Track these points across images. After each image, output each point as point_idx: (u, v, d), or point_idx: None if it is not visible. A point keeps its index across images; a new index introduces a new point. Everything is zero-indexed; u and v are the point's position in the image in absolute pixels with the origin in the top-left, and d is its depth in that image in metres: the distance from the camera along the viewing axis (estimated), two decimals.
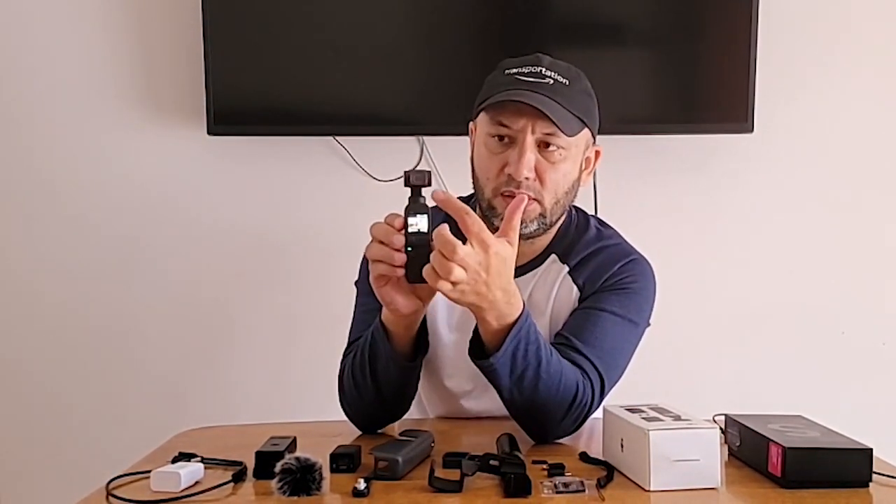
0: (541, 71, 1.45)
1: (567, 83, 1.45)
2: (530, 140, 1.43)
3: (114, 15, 2.33)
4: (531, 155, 1.43)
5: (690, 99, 2.33)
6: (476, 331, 1.35)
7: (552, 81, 1.44)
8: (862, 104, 2.38)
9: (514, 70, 1.46)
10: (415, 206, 1.25)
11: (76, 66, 2.35)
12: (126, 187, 2.37)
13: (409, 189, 1.26)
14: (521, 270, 1.50)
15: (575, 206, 1.59)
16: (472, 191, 1.56)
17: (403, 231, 1.25)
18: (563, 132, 1.42)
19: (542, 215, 1.47)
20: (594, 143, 1.55)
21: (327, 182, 2.36)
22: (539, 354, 1.34)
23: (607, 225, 1.62)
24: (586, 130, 1.49)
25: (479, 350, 1.35)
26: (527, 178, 1.43)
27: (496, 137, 1.46)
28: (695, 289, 2.38)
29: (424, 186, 1.25)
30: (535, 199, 1.45)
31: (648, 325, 1.57)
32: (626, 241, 1.60)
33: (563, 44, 2.29)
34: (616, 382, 1.49)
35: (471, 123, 1.56)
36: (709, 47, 2.30)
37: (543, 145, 1.44)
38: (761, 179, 2.39)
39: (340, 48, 2.25)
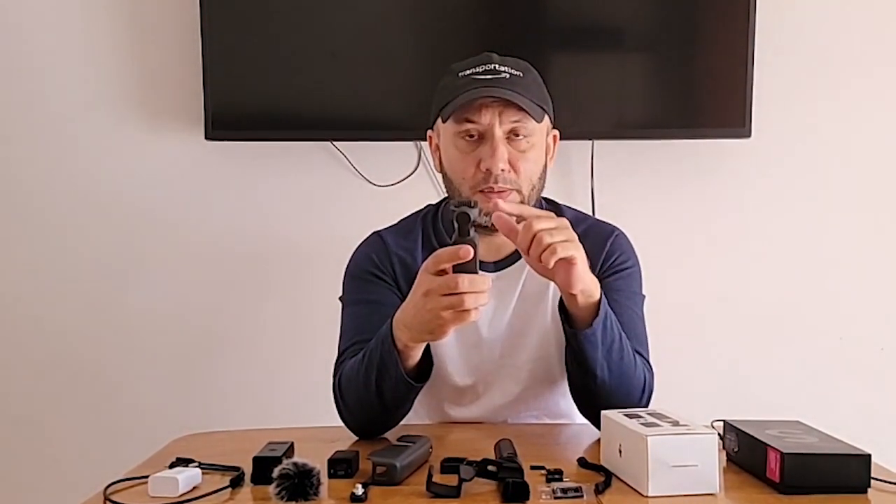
0: (494, 67, 1.50)
1: (521, 75, 1.51)
2: (500, 132, 1.48)
3: (112, 20, 2.33)
4: (504, 147, 1.48)
5: (688, 104, 2.34)
6: (563, 317, 1.43)
7: (508, 75, 1.50)
8: (859, 108, 2.38)
9: (469, 70, 1.51)
10: (464, 239, 1.26)
11: (74, 71, 2.35)
12: (124, 192, 2.37)
13: (454, 219, 1.27)
14: (506, 262, 1.57)
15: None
16: (445, 196, 1.62)
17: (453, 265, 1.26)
18: (533, 118, 1.48)
19: (522, 203, 1.51)
20: (552, 128, 1.60)
21: (325, 187, 2.36)
22: (619, 328, 1.44)
23: (571, 206, 1.68)
24: (546, 116, 1.55)
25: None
26: (503, 171, 1.48)
27: (465, 137, 1.50)
28: (692, 294, 2.39)
29: (471, 221, 1.27)
30: (513, 190, 1.50)
31: None
32: (596, 217, 1.72)
33: (562, 49, 2.30)
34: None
35: (429, 132, 1.61)
36: (706, 52, 2.31)
37: (511, 137, 1.50)
38: (759, 184, 2.39)
39: (338, 53, 2.26)
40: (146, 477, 1.20)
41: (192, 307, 2.40)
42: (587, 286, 1.37)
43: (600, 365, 1.42)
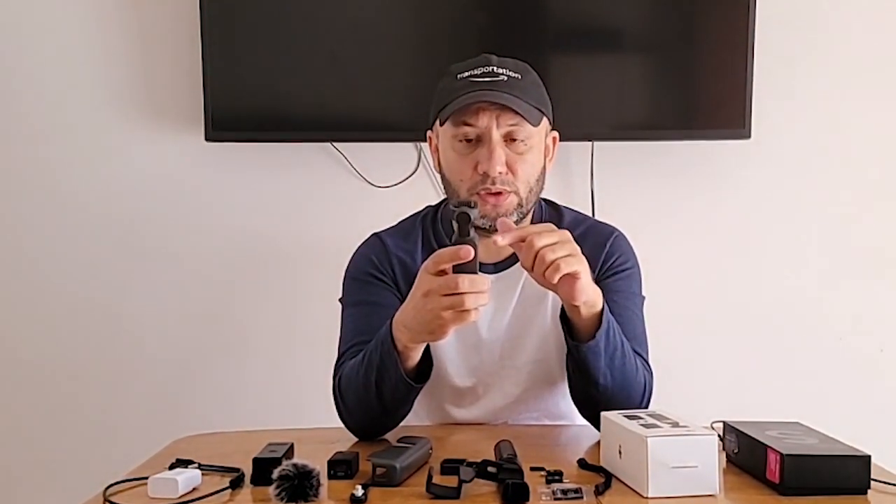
0: (492, 70, 1.50)
1: (519, 77, 1.51)
2: (497, 136, 1.48)
3: (112, 21, 2.34)
4: (501, 150, 1.48)
5: (687, 105, 2.34)
6: (565, 329, 1.43)
7: (506, 78, 1.49)
8: (859, 109, 2.38)
9: (467, 73, 1.51)
10: (464, 240, 1.26)
11: (74, 71, 2.35)
12: (124, 193, 2.37)
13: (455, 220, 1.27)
14: (506, 263, 1.57)
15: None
16: (444, 197, 1.62)
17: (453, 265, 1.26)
18: (529, 123, 1.48)
19: (520, 205, 1.52)
20: (551, 129, 1.60)
21: (325, 188, 2.36)
22: (621, 334, 1.44)
23: (570, 207, 1.68)
24: (545, 118, 1.55)
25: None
26: (500, 173, 1.48)
27: (462, 140, 1.50)
28: (692, 295, 2.38)
29: (471, 221, 1.26)
30: (511, 192, 1.50)
31: None
32: (595, 218, 1.73)
33: (562, 50, 2.30)
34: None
35: (428, 132, 1.61)
36: (706, 53, 2.31)
37: (509, 139, 1.50)
38: (758, 185, 2.39)
39: (338, 54, 2.26)
40: (146, 478, 1.20)
41: (191, 307, 2.40)
42: (590, 297, 1.37)
43: (603, 373, 1.42)
